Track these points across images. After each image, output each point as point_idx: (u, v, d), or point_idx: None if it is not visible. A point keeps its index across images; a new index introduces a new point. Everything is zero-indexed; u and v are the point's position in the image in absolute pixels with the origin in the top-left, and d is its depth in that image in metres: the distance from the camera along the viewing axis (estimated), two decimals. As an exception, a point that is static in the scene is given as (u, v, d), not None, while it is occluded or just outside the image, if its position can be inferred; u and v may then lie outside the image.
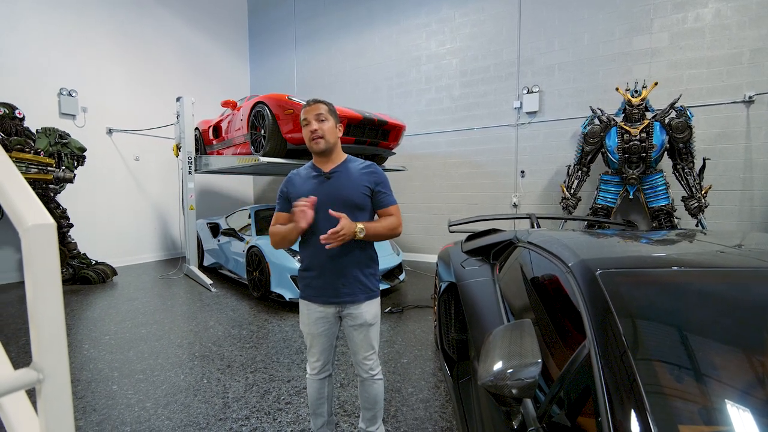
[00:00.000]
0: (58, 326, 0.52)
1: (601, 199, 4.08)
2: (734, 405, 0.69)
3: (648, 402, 0.65)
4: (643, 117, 3.82)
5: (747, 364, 0.77)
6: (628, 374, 0.69)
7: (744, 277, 0.97)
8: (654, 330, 0.84)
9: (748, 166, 4.10)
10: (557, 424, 0.77)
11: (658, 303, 0.90)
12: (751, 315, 0.87)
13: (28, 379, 0.49)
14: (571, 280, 1.02)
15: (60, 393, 0.52)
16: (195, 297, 3.88)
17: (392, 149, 4.55)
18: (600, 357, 0.74)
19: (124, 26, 5.55)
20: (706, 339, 0.83)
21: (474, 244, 2.15)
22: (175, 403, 1.90)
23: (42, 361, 0.51)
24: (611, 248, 1.35)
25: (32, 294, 0.50)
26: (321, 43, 6.58)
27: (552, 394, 0.81)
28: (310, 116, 1.28)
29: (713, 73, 4.10)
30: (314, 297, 1.33)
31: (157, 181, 5.91)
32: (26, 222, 0.49)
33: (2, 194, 0.52)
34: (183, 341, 2.71)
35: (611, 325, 0.79)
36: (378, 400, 1.43)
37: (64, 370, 0.52)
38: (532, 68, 4.91)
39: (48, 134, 4.13)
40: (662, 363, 0.75)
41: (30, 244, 0.49)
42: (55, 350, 0.52)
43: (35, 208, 0.52)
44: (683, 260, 1.10)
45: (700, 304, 0.92)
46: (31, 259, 0.50)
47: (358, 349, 1.38)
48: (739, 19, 3.94)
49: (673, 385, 0.73)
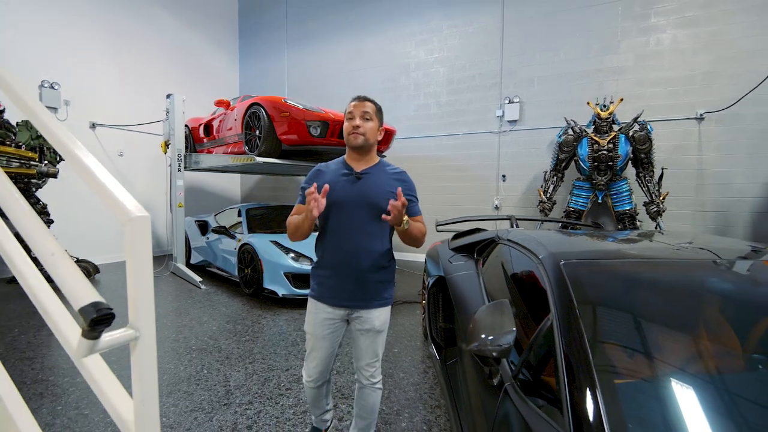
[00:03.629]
0: (150, 296, 0.67)
1: (574, 203, 4.45)
2: (660, 359, 0.92)
3: (593, 359, 0.87)
4: (610, 129, 4.21)
5: (673, 328, 1.01)
6: (579, 339, 0.91)
7: (679, 267, 1.23)
8: (602, 306, 1.06)
9: (701, 175, 4.59)
10: (527, 380, 0.98)
11: (607, 285, 1.13)
12: (681, 295, 1.12)
13: (129, 336, 0.64)
14: (541, 269, 1.24)
15: (149, 348, 0.67)
16: (184, 294, 3.89)
17: (382, 152, 4.74)
18: (559, 327, 0.96)
19: (111, 21, 5.43)
20: (644, 312, 1.06)
21: (460, 242, 2.37)
22: (178, 392, 1.99)
23: (137, 323, 0.66)
24: (576, 244, 1.59)
25: (131, 270, 0.65)
26: (312, 45, 6.68)
27: (523, 357, 1.02)
28: (356, 111, 1.25)
29: (671, 92, 4.57)
30: (326, 297, 1.28)
31: (142, 177, 5.80)
32: (129, 214, 0.64)
33: (106, 192, 0.66)
34: (178, 336, 2.77)
35: (569, 302, 1.01)
36: (375, 409, 1.37)
37: (152, 331, 0.68)
38: (514, 80, 5.25)
39: (29, 127, 4.01)
40: (606, 330, 0.97)
41: (132, 232, 0.64)
42: (147, 315, 0.67)
43: (133, 204, 0.66)
44: (630, 253, 1.35)
45: (641, 286, 1.16)
46: (133, 243, 0.65)
47: (362, 354, 1.32)
48: (693, 46, 4.42)
49: (614, 346, 0.95)
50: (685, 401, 0.80)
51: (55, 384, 2.04)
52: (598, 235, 1.89)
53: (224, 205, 6.19)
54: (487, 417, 0.99)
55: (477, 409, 1.09)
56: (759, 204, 4.30)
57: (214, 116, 4.78)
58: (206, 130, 4.88)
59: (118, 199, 0.65)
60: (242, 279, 3.83)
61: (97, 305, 0.56)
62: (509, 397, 0.92)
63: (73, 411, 1.80)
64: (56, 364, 2.30)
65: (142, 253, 0.65)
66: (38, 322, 2.93)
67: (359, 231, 1.25)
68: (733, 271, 1.18)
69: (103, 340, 0.59)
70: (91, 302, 0.56)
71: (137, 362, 0.66)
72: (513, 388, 0.95)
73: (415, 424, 1.73)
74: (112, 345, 0.61)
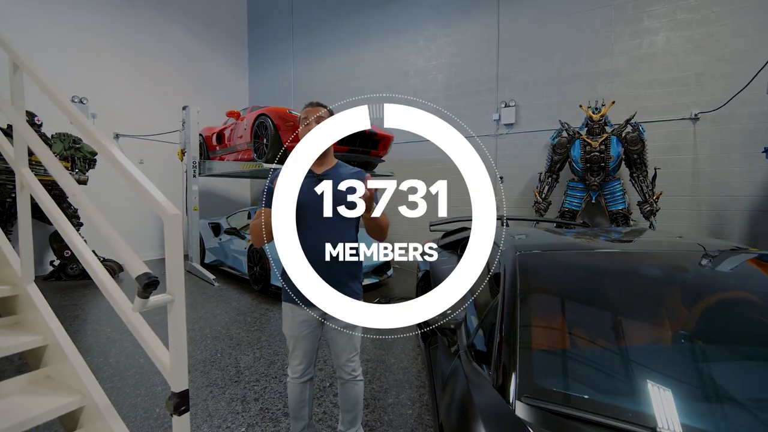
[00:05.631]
0: (181, 273, 0.93)
1: (568, 203, 4.58)
2: (578, 332, 1.13)
3: (520, 329, 1.07)
4: (602, 131, 4.35)
5: (597, 306, 1.21)
6: (515, 310, 1.12)
7: (617, 256, 1.42)
8: (541, 286, 1.27)
9: (696, 175, 4.66)
10: (473, 347, 1.19)
11: (549, 270, 1.34)
12: (609, 279, 1.32)
13: (167, 299, 0.90)
14: (502, 259, 1.46)
15: (180, 309, 0.93)
16: (199, 290, 4.21)
17: (381, 157, 4.99)
18: (503, 302, 1.17)
19: (131, 39, 5.89)
20: (578, 291, 1.27)
21: (447, 240, 2.59)
22: (195, 371, 2.27)
23: (172, 288, 0.91)
24: (541, 238, 1.79)
25: (169, 253, 0.91)
26: (317, 56, 7.01)
27: (475, 329, 1.24)
28: (311, 117, 1.33)
29: (665, 93, 4.67)
30: (300, 301, 1.29)
31: (159, 183, 6.11)
32: (168, 212, 0.90)
33: (149, 195, 0.93)
34: (194, 326, 3.06)
35: (514, 283, 1.22)
36: (359, 401, 1.43)
37: (182, 296, 0.93)
38: (509, 84, 5.43)
39: (62, 139, 4.43)
40: (539, 305, 1.18)
41: (170, 225, 0.90)
42: (179, 286, 0.92)
43: (169, 204, 0.92)
44: (578, 245, 1.55)
45: (581, 270, 1.36)
46: (170, 234, 0.91)
47: (341, 351, 1.36)
48: (685, 47, 4.52)
49: (541, 319, 1.16)
50: (594, 366, 1.00)
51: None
52: (579, 233, 2.09)
53: (235, 209, 6.55)
54: (443, 375, 1.21)
55: (439, 373, 1.31)
56: (754, 203, 4.35)
57: (226, 126, 5.13)
58: (218, 139, 5.23)
59: (158, 201, 0.91)
60: (251, 276, 4.12)
61: (148, 274, 0.82)
62: (460, 359, 1.14)
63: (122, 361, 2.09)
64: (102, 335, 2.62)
65: (176, 241, 0.91)
66: (72, 313, 3.28)
67: (327, 231, 1.28)
68: (664, 261, 1.37)
69: (150, 300, 0.85)
70: (144, 272, 0.82)
71: (172, 320, 0.92)
72: (465, 353, 1.17)
73: (401, 400, 1.96)
74: (157, 304, 0.87)
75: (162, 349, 0.96)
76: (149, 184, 0.96)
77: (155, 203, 0.92)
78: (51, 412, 1.10)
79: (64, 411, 1.13)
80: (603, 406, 0.75)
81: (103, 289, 1.02)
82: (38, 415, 1.07)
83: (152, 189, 0.95)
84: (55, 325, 1.30)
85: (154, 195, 0.92)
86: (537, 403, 0.77)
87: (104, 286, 1.01)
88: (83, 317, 3.27)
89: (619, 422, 0.69)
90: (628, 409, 0.73)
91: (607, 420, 0.69)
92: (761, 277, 1.27)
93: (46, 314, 1.32)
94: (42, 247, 4.87)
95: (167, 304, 0.91)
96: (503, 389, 0.84)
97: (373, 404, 1.91)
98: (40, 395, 1.16)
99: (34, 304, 1.34)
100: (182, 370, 0.93)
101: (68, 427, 1.21)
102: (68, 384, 1.21)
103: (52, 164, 1.20)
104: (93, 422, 1.14)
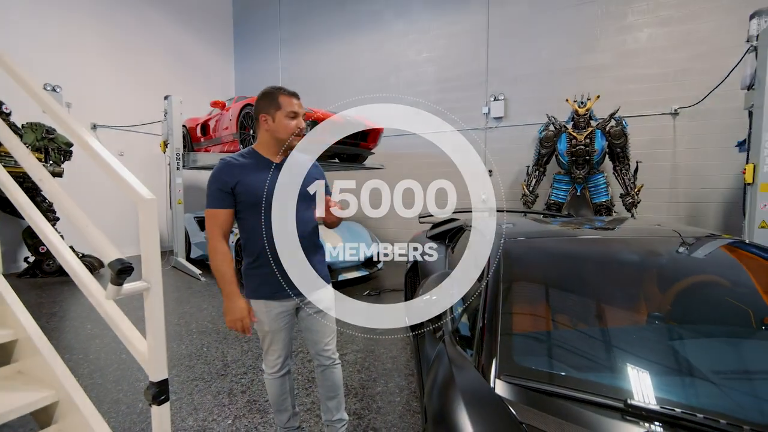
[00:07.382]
0: (157, 260, 0.90)
1: (554, 196, 4.67)
2: (557, 316, 1.15)
3: (502, 312, 1.09)
4: (587, 125, 4.42)
5: (578, 292, 1.24)
6: (497, 295, 1.13)
7: (596, 243, 1.45)
8: (524, 271, 1.29)
9: (675, 168, 4.81)
10: (461, 333, 1.21)
11: (531, 255, 1.36)
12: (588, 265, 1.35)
13: (143, 286, 0.87)
14: (488, 245, 1.47)
15: (157, 297, 0.90)
16: (185, 285, 4.12)
17: (371, 149, 4.95)
18: (487, 287, 1.19)
19: (109, 25, 5.62)
20: (560, 275, 1.29)
21: (436, 231, 2.60)
22: (180, 366, 2.23)
23: (148, 276, 0.88)
24: (526, 226, 1.82)
25: (144, 240, 0.87)
26: (305, 46, 6.86)
27: (460, 313, 1.25)
28: (300, 111, 1.25)
29: (647, 89, 4.78)
30: (274, 294, 1.26)
31: (141, 176, 5.94)
32: (143, 197, 0.86)
33: (122, 180, 0.89)
34: (180, 320, 3.00)
35: (498, 268, 1.24)
36: (340, 384, 1.42)
37: (159, 284, 0.90)
38: (499, 78, 5.45)
39: (34, 129, 4.22)
40: (521, 289, 1.20)
41: (145, 210, 0.87)
42: (155, 273, 0.89)
43: (144, 189, 0.88)
44: (561, 232, 1.58)
45: (563, 256, 1.39)
46: (145, 219, 0.87)
47: (320, 337, 1.35)
48: (667, 44, 4.63)
49: (523, 302, 1.18)
50: (572, 346, 1.02)
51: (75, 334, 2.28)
52: (564, 222, 2.12)
53: (222, 202, 6.39)
54: (428, 361, 1.23)
55: (426, 360, 1.32)
56: (729, 195, 4.53)
57: (211, 116, 4.98)
58: (203, 130, 5.08)
59: (132, 185, 0.88)
60: (238, 271, 4.05)
61: (121, 261, 0.79)
62: (444, 343, 1.15)
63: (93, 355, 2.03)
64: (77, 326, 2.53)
65: (151, 227, 0.88)
66: (49, 310, 3.16)
67: (292, 219, 1.27)
68: (638, 246, 1.41)
69: (124, 287, 0.82)
70: (117, 258, 0.79)
71: (149, 308, 0.89)
72: (449, 337, 1.18)
73: (389, 388, 1.97)
74: (132, 292, 0.84)
75: (139, 339, 0.93)
76: (124, 170, 0.92)
77: (128, 188, 0.88)
78: (23, 407, 1.06)
79: (37, 406, 1.09)
80: (579, 381, 0.77)
81: (76, 278, 0.98)
82: (10, 411, 1.03)
83: (127, 175, 0.91)
84: (26, 319, 1.25)
85: (128, 180, 0.88)
86: (515, 381, 0.79)
87: (77, 275, 0.97)
88: (61, 314, 3.16)
89: (594, 396, 0.71)
90: (603, 384, 0.76)
91: (582, 395, 0.71)
92: (732, 262, 1.33)
93: (16, 308, 1.26)
94: (15, 243, 4.66)
95: (143, 292, 0.88)
96: (485, 370, 0.86)
97: (362, 393, 1.92)
98: (11, 391, 1.12)
99: (3, 298, 1.28)
100: (161, 359, 0.90)
101: (42, 423, 1.17)
102: (41, 379, 1.16)
103: (21, 154, 1.13)
104: (68, 417, 1.11)
